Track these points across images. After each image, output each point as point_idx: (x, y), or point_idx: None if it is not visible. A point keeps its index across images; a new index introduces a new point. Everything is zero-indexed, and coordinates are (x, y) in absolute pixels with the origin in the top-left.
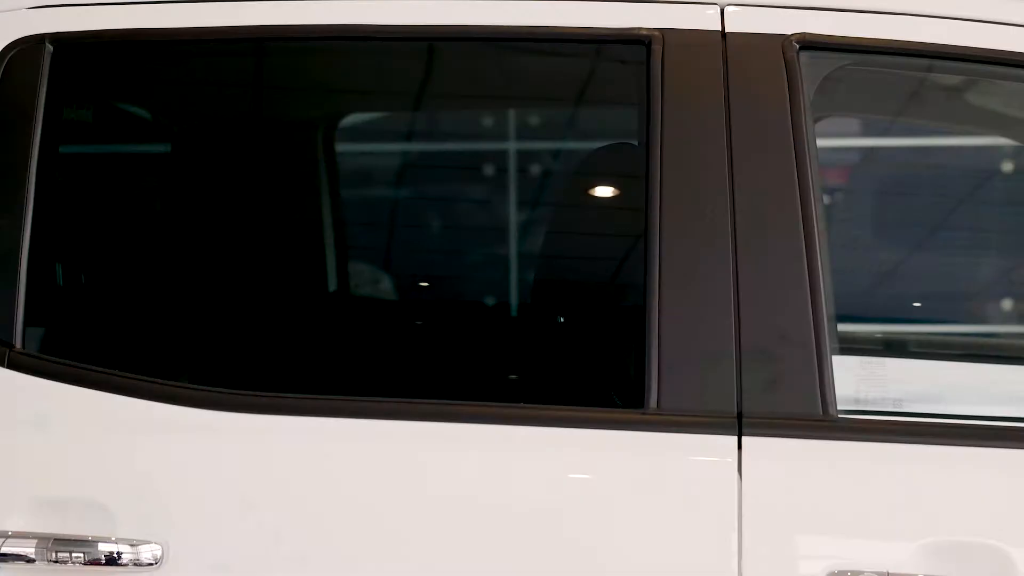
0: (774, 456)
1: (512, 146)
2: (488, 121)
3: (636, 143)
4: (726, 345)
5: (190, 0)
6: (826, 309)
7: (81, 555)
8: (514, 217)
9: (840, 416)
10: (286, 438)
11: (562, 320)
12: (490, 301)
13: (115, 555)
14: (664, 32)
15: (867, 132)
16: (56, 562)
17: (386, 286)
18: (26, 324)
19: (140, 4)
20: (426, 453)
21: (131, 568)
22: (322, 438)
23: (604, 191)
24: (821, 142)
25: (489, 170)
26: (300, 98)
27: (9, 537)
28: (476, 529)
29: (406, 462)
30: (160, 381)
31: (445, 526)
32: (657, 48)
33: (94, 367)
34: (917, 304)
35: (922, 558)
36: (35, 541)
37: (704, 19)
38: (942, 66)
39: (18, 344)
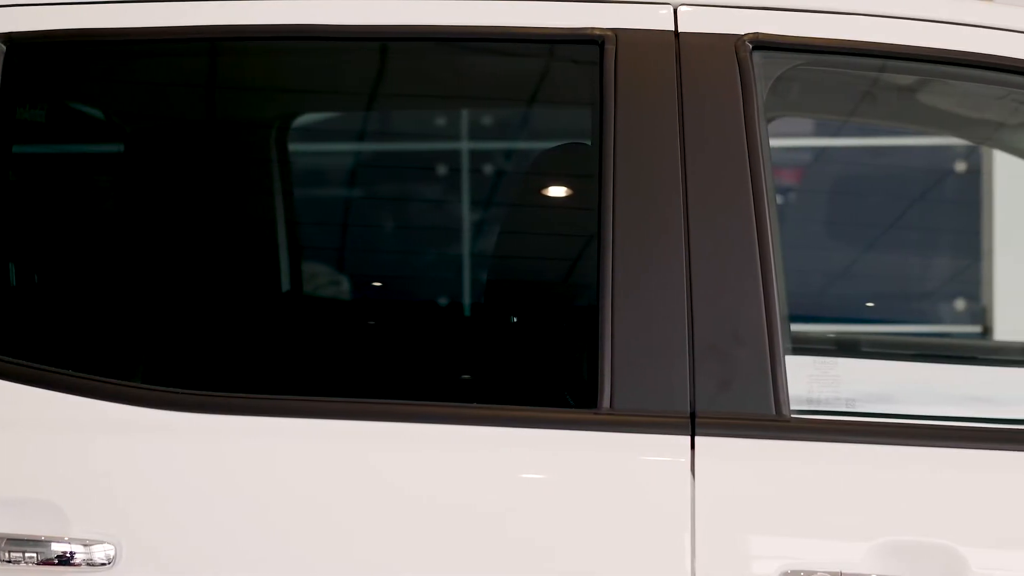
0: (727, 456)
1: (465, 146)
2: (442, 121)
3: (589, 143)
4: (679, 345)
5: (144, 0)
6: (779, 309)
7: (34, 555)
8: (468, 217)
9: (793, 416)
10: (240, 438)
11: (515, 320)
12: (444, 301)
13: (68, 555)
14: (617, 32)
15: (820, 132)
16: (9, 562)
17: (340, 286)
18: None
19: (94, 4)
20: (380, 453)
21: (84, 568)
22: (277, 438)
23: (557, 191)
24: (774, 142)
25: (443, 170)
26: (253, 98)
27: None
28: (429, 529)
29: (360, 462)
30: (114, 381)
31: (399, 526)
32: (610, 48)
33: (48, 367)
34: (870, 304)
35: (875, 558)
36: None
37: (657, 19)
38: (895, 66)
39: None
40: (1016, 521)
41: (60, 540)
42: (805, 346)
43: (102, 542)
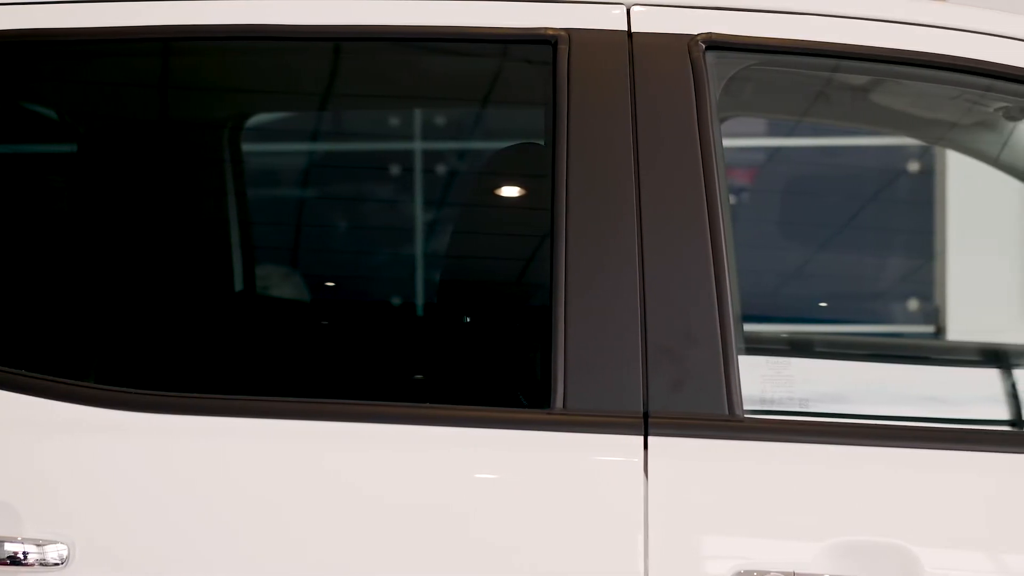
0: (680, 456)
1: (418, 146)
2: (395, 121)
3: (542, 143)
4: (632, 345)
5: (97, 0)
6: (732, 309)
7: None
8: (421, 217)
9: (746, 416)
10: (193, 438)
11: (468, 320)
12: (397, 301)
13: (21, 555)
14: (570, 32)
15: (774, 132)
16: None
17: (293, 286)
18: None
19: (46, 4)
20: (332, 453)
21: (37, 568)
22: (229, 438)
23: (510, 191)
24: (727, 142)
25: (396, 170)
26: (207, 98)
27: None
28: (383, 529)
29: (312, 462)
30: (67, 381)
31: (351, 526)
32: (563, 48)
33: (0, 367)
34: (823, 304)
35: (828, 558)
36: None
37: (610, 19)
38: (848, 66)
39: None
40: (969, 521)
41: (13, 540)
42: (758, 346)
43: (55, 542)
